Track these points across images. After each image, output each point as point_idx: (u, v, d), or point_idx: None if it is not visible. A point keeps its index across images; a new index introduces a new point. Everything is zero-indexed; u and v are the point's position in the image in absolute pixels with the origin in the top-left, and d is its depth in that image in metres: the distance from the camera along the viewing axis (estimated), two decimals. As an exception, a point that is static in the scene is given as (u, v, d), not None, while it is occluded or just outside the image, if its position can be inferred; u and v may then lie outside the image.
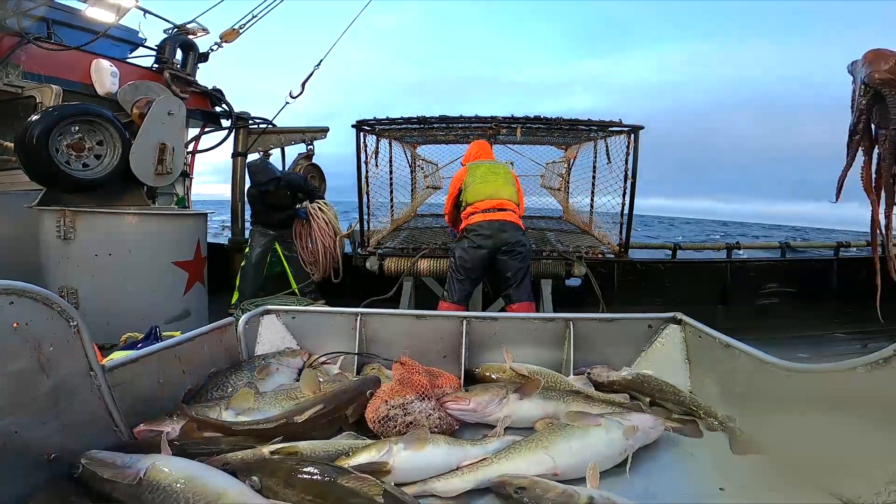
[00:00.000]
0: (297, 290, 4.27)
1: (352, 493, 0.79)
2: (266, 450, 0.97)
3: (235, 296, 4.05)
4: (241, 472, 0.88)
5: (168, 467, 0.83)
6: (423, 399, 1.15)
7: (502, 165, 3.25)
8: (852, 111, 1.35)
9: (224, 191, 5.44)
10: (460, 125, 3.75)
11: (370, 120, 3.49)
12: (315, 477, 0.82)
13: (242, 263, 4.16)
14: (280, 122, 5.31)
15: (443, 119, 3.52)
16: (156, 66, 4.52)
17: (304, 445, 1.00)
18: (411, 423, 1.11)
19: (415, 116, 3.50)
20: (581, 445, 1.00)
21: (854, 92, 1.33)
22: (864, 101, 1.32)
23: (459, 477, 0.95)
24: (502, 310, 3.35)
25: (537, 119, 3.46)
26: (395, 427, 1.10)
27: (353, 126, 3.45)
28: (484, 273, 3.04)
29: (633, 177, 3.33)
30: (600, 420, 1.06)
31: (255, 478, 0.86)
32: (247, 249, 4.21)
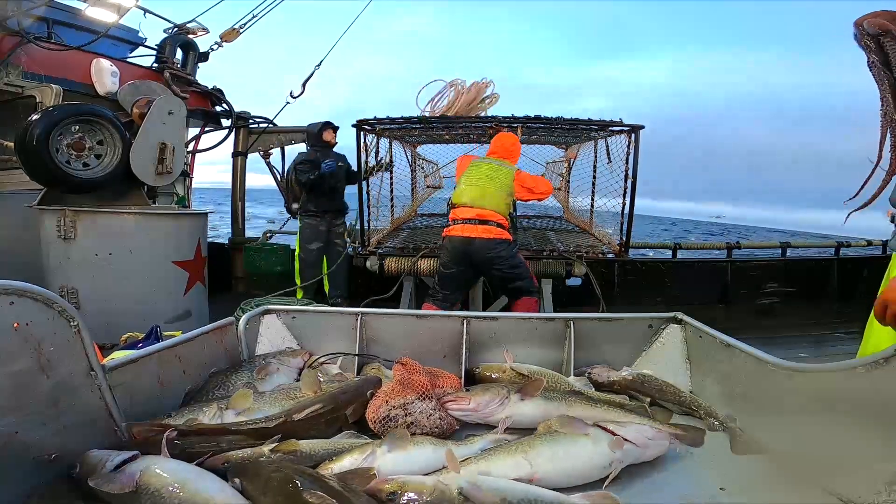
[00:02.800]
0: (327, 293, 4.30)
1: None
2: (266, 448, 0.97)
3: (300, 293, 4.09)
4: (230, 472, 0.89)
5: (161, 471, 0.83)
6: (424, 399, 1.15)
7: (506, 170, 3.03)
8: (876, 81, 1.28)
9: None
10: (460, 124, 3.75)
11: (370, 119, 3.49)
12: (289, 486, 0.81)
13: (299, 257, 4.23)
14: (291, 122, 5.33)
15: (443, 118, 3.52)
16: (156, 65, 4.52)
17: (303, 444, 1.00)
18: (412, 423, 1.10)
19: (415, 116, 3.50)
20: (564, 453, 0.97)
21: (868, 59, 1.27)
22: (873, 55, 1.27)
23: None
24: (504, 309, 3.36)
25: (538, 119, 3.45)
26: (396, 427, 1.10)
27: (353, 125, 3.46)
28: (467, 286, 3.12)
29: (634, 176, 3.33)
30: (589, 429, 1.02)
31: (236, 480, 0.86)
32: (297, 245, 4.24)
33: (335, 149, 4.21)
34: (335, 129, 4.22)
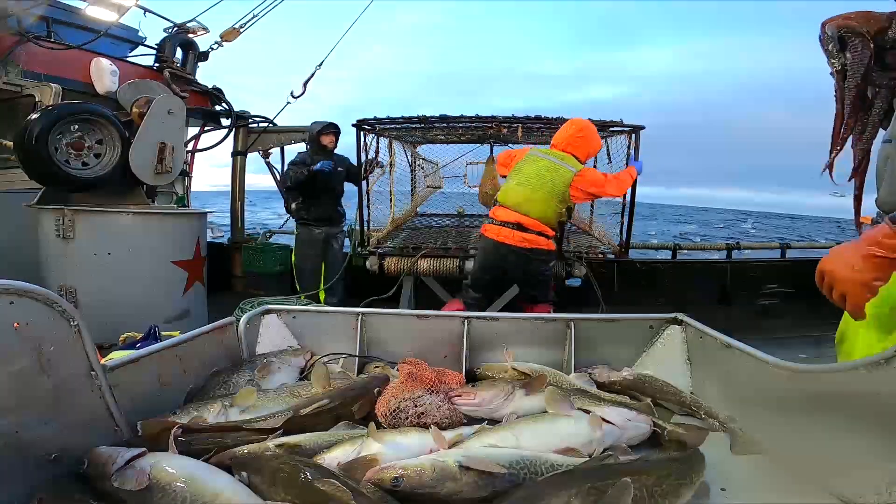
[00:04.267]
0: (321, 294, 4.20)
1: (328, 496, 0.78)
2: (271, 443, 0.98)
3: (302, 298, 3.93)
4: (235, 467, 0.89)
5: (169, 467, 0.83)
6: (432, 393, 1.16)
7: (564, 171, 2.55)
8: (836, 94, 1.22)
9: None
10: (461, 125, 3.74)
11: (370, 119, 3.49)
12: (298, 478, 0.81)
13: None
14: (293, 120, 5.32)
15: (443, 118, 3.52)
16: (156, 64, 4.51)
17: (304, 438, 1.01)
18: (423, 413, 1.11)
19: (415, 116, 3.50)
20: (547, 434, 1.00)
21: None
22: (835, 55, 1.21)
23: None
24: (510, 309, 3.37)
25: (538, 119, 3.46)
26: (407, 418, 1.11)
27: (353, 125, 3.46)
28: (499, 291, 3.01)
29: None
30: (572, 412, 1.06)
31: (243, 473, 0.86)
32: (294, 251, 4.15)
33: (336, 151, 4.00)
34: (336, 133, 3.93)
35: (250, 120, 5.21)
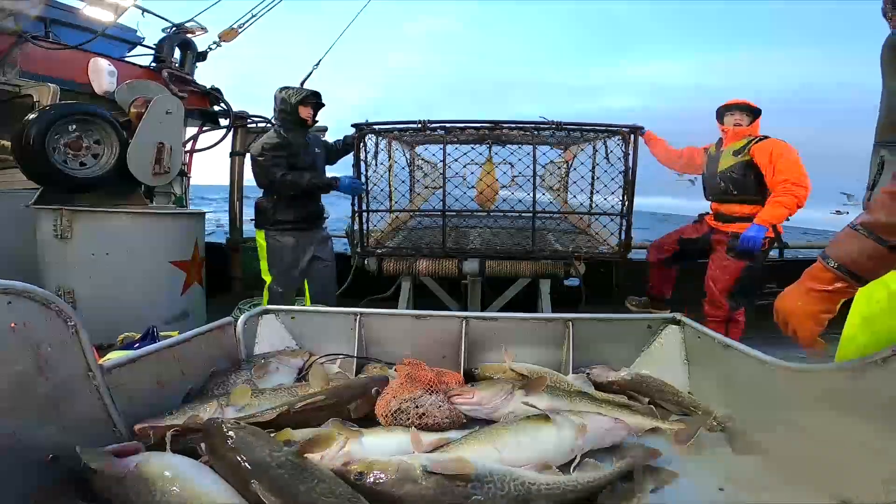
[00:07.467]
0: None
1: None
2: None
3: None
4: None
5: (158, 463, 0.83)
6: (432, 393, 1.16)
7: None
8: None
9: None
10: (460, 127, 3.73)
11: (372, 123, 3.48)
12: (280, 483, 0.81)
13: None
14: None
15: (444, 124, 3.50)
16: (154, 65, 4.51)
17: (298, 434, 1.01)
18: (424, 414, 1.11)
19: (415, 120, 3.48)
20: (529, 440, 1.01)
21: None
22: None
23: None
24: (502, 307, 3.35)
25: (537, 123, 3.45)
26: (408, 419, 1.11)
27: (352, 126, 3.45)
28: None
29: (633, 177, 3.33)
30: (556, 416, 1.06)
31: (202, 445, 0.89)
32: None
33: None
34: (318, 105, 3.06)
35: (249, 120, 5.20)
